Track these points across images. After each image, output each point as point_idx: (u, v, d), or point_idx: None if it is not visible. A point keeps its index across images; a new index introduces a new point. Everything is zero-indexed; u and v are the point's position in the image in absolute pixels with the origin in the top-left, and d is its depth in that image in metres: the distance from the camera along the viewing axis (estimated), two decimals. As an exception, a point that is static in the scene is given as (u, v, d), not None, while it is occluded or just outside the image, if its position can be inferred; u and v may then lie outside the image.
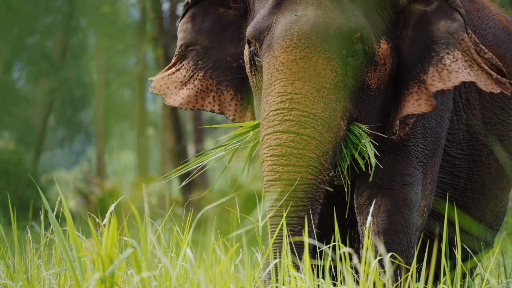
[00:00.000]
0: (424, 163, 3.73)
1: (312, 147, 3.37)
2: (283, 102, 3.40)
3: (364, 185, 3.70)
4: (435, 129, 3.77)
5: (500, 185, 4.16)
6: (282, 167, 3.38)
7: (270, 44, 3.49)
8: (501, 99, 4.07)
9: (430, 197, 3.78)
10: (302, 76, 3.41)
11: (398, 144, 3.69)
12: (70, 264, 3.07)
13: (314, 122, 3.38)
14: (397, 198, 3.66)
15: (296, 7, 3.50)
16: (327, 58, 3.43)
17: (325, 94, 3.41)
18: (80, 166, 42.02)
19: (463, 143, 3.97)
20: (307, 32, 3.43)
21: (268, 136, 3.41)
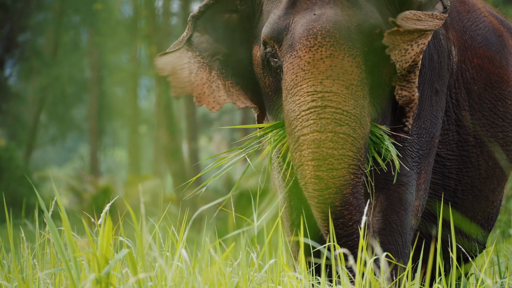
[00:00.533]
0: (418, 163, 3.74)
1: (349, 145, 3.36)
2: (315, 100, 3.39)
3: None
4: (429, 129, 3.78)
5: (491, 186, 4.17)
6: (325, 172, 3.36)
7: (292, 44, 3.47)
8: (490, 101, 4.08)
9: (424, 197, 3.79)
10: (330, 75, 3.40)
11: (394, 144, 3.70)
12: (66, 264, 3.07)
13: (348, 119, 3.37)
14: (392, 198, 3.67)
15: (312, 6, 3.50)
16: (352, 55, 3.43)
17: (353, 91, 3.40)
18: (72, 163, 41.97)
19: (453, 144, 3.99)
20: (330, 30, 3.43)
21: (304, 137, 3.38)
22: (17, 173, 16.87)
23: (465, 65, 3.99)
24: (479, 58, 4.04)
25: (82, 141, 37.37)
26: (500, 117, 4.09)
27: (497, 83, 4.09)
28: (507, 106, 4.11)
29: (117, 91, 29.24)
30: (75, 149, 42.60)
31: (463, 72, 3.98)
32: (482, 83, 4.03)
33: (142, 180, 14.26)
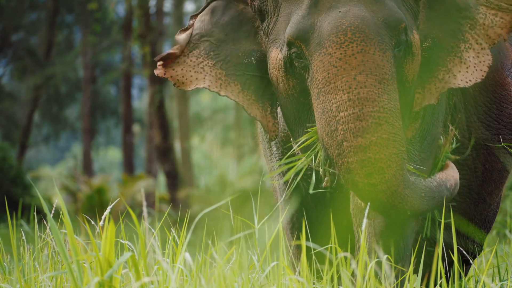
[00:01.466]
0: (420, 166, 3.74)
1: (392, 143, 3.34)
2: (351, 100, 3.36)
3: None
4: (431, 132, 3.78)
5: (488, 189, 4.17)
6: (377, 176, 3.35)
7: (320, 42, 3.45)
8: (485, 104, 4.08)
9: None
10: (363, 70, 3.37)
11: None
12: (69, 267, 3.06)
13: (385, 115, 3.34)
14: None
15: (335, 4, 3.49)
16: (382, 50, 3.40)
17: (386, 85, 3.38)
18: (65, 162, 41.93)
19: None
20: (359, 26, 3.41)
21: (348, 144, 3.35)
22: (11, 172, 16.84)
23: None
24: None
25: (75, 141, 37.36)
26: (495, 120, 4.10)
27: (492, 86, 4.10)
28: (502, 109, 4.11)
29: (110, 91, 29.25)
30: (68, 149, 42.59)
31: None
32: (477, 86, 4.03)
33: (136, 180, 14.24)
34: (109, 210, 3.62)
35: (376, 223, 3.65)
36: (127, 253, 3.02)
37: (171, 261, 3.55)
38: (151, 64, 18.88)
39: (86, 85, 25.28)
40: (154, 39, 19.19)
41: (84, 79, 25.42)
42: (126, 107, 24.19)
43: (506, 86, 4.13)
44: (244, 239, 3.57)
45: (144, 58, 19.23)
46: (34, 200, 17.91)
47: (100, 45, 24.56)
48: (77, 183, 14.86)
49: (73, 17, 26.28)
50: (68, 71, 25.82)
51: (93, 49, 24.73)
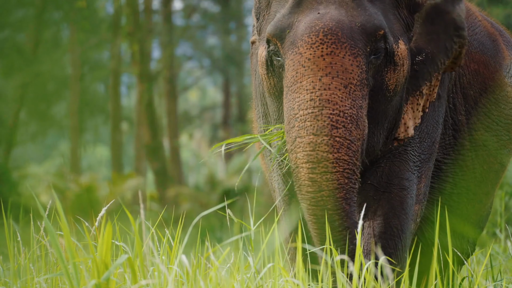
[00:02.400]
0: (419, 167, 3.75)
1: (345, 149, 3.35)
2: (313, 100, 3.39)
3: (361, 187, 3.71)
4: (431, 134, 3.79)
5: (485, 190, 4.20)
6: (320, 175, 3.36)
7: (294, 41, 3.48)
8: (484, 105, 4.10)
9: (423, 201, 3.81)
10: (329, 72, 3.40)
11: (398, 148, 3.71)
12: (65, 270, 3.05)
13: (344, 120, 3.36)
14: (394, 202, 3.67)
15: (317, 6, 3.51)
16: (353, 54, 3.42)
17: (352, 90, 3.39)
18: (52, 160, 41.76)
19: (449, 148, 4.01)
20: (332, 28, 3.43)
21: (300, 140, 3.38)
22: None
23: (462, 70, 4.01)
24: (476, 63, 4.06)
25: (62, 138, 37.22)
26: (494, 121, 4.12)
27: (492, 87, 4.11)
28: (500, 110, 4.13)
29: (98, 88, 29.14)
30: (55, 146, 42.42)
31: (460, 77, 4.00)
32: (478, 87, 4.05)
33: (126, 179, 14.21)
34: (104, 211, 3.62)
35: (375, 224, 3.67)
36: (124, 255, 3.02)
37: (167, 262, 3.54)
38: (140, 62, 18.84)
39: (74, 82, 25.18)
40: (143, 37, 19.14)
41: (72, 76, 25.30)
42: (114, 105, 24.12)
43: (504, 87, 4.15)
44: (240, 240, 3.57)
45: (133, 56, 19.19)
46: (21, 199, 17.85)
47: (88, 43, 24.47)
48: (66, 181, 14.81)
49: (61, 14, 26.17)
50: (56, 68, 25.70)
51: (81, 46, 24.63)
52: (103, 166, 44.46)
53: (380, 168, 3.71)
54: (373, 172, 3.72)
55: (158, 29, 23.74)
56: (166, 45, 22.39)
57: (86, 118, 27.97)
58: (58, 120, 28.72)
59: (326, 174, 3.35)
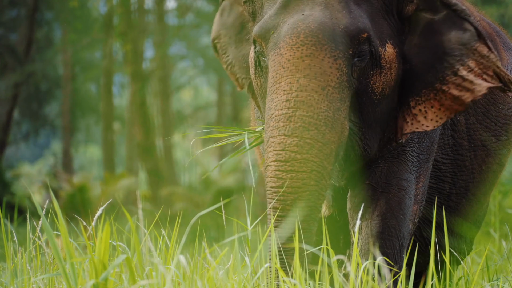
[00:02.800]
0: (418, 167, 3.75)
1: (316, 151, 3.36)
2: (288, 101, 3.40)
3: (360, 187, 3.72)
4: (430, 134, 3.79)
5: (483, 190, 4.21)
6: (286, 173, 3.37)
7: (276, 42, 3.48)
8: (483, 105, 4.10)
9: (422, 202, 3.81)
10: (308, 74, 3.41)
11: (396, 148, 3.71)
12: (63, 269, 3.05)
13: (317, 122, 3.37)
14: (392, 202, 3.67)
15: (303, 7, 3.51)
16: (333, 57, 3.42)
17: (330, 92, 3.40)
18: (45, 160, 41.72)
19: (448, 148, 4.01)
20: (314, 30, 3.43)
21: (273, 139, 3.40)
22: (-10, 170, 16.75)
23: None
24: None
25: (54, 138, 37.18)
26: (493, 121, 4.12)
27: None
28: (499, 110, 4.14)
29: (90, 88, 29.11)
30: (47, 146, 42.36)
31: None
32: None
33: (119, 178, 14.20)
34: (101, 211, 3.62)
35: (373, 224, 3.67)
36: (122, 255, 3.02)
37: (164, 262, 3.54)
38: (133, 62, 18.82)
39: (66, 82, 25.15)
40: (136, 37, 19.13)
41: (64, 76, 25.27)
42: (106, 104, 24.09)
43: None
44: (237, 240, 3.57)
45: (126, 55, 19.17)
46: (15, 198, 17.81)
47: (81, 43, 24.44)
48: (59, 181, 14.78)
49: (53, 14, 26.13)
50: (48, 68, 25.66)
51: (74, 46, 24.59)
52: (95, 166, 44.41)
53: (379, 168, 3.72)
54: (372, 172, 3.72)
55: (151, 29, 23.71)
56: (159, 44, 22.37)
57: (78, 118, 27.95)
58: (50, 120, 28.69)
59: (291, 172, 3.36)
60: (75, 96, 26.80)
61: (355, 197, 3.73)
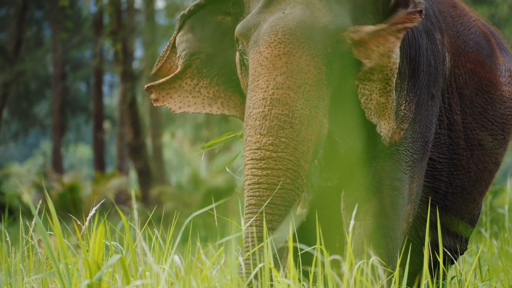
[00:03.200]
0: (412, 167, 3.75)
1: (291, 149, 3.37)
2: (265, 99, 3.40)
3: (353, 187, 3.72)
4: (424, 134, 3.79)
5: (479, 189, 4.20)
6: (261, 170, 3.38)
7: (256, 40, 3.49)
8: (480, 105, 4.11)
9: (416, 201, 3.81)
10: (284, 71, 3.41)
11: (390, 148, 3.71)
12: (57, 270, 3.04)
13: (293, 120, 3.37)
14: (385, 202, 3.67)
15: (285, 6, 3.52)
16: (311, 55, 3.42)
17: (306, 90, 3.40)
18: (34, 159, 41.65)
19: (444, 147, 4.00)
20: (292, 28, 3.44)
21: (250, 138, 3.41)
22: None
23: (458, 70, 4.01)
24: (472, 63, 4.07)
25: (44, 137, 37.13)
26: (490, 120, 4.13)
27: (487, 87, 4.12)
28: (495, 109, 4.14)
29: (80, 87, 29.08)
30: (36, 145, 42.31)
31: (456, 77, 4.00)
32: (473, 87, 4.06)
33: (109, 178, 14.18)
34: (94, 211, 3.61)
35: (366, 224, 3.67)
36: (116, 255, 3.01)
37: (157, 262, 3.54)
38: (123, 61, 18.80)
39: (56, 81, 25.11)
40: (126, 36, 19.11)
41: (54, 75, 25.24)
42: (97, 104, 24.07)
43: (499, 86, 4.16)
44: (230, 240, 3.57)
45: (116, 55, 19.15)
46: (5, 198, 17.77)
47: (71, 42, 24.41)
48: (49, 180, 14.75)
49: (43, 13, 26.10)
50: (38, 67, 25.63)
51: (63, 45, 24.57)
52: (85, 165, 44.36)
53: (372, 168, 3.72)
54: (365, 172, 3.73)
55: (141, 28, 23.70)
56: (149, 44, 22.35)
57: (68, 117, 27.92)
58: (40, 119, 28.64)
59: (267, 170, 3.37)
60: (65, 96, 26.77)
61: (349, 197, 3.73)
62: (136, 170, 19.26)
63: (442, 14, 4.03)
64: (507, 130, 4.21)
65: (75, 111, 27.95)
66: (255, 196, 3.38)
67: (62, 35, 22.14)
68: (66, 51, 25.07)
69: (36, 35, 26.16)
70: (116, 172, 15.56)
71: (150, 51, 20.62)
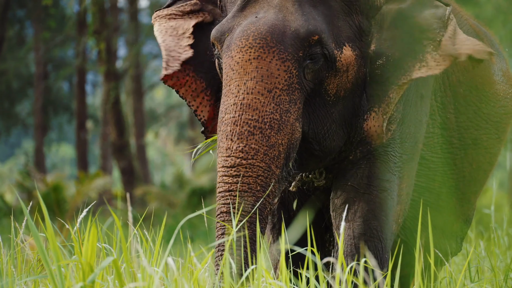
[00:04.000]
0: (401, 168, 3.75)
1: (261, 155, 3.38)
2: (235, 104, 3.42)
3: (342, 188, 3.72)
4: (413, 134, 3.79)
5: (473, 189, 4.20)
6: (232, 178, 3.39)
7: (229, 44, 3.50)
8: (475, 103, 4.10)
9: (406, 202, 3.81)
10: (254, 76, 3.42)
11: (378, 149, 3.71)
12: (50, 272, 3.03)
13: (262, 126, 3.39)
14: (373, 203, 3.68)
15: (259, 10, 3.53)
16: (281, 59, 3.43)
17: (277, 94, 3.41)
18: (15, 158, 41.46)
19: (437, 147, 4.00)
20: (263, 33, 3.45)
21: (221, 145, 3.43)
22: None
23: (451, 68, 4.00)
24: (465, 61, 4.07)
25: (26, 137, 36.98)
26: (484, 119, 4.12)
27: (481, 85, 4.11)
28: (490, 108, 4.13)
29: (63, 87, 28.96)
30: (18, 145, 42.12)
31: (449, 76, 4.00)
32: (467, 85, 4.05)
33: (94, 178, 14.13)
34: (85, 212, 3.60)
35: (355, 225, 3.68)
36: (109, 257, 3.01)
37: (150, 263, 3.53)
38: (106, 61, 18.75)
39: (38, 81, 25.00)
40: (109, 35, 19.06)
41: (36, 74, 25.12)
42: (80, 103, 23.98)
43: (493, 84, 4.16)
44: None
45: (99, 54, 19.09)
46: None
47: (53, 41, 24.31)
48: (33, 180, 14.67)
49: (25, 12, 25.98)
50: (20, 66, 25.52)
51: (46, 44, 24.46)
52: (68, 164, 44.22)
53: (361, 170, 3.72)
54: (354, 173, 3.73)
55: (124, 27, 23.65)
56: (132, 43, 22.29)
57: (51, 116, 27.80)
58: (22, 119, 28.51)
59: (237, 177, 3.38)
60: (47, 95, 26.66)
61: (337, 199, 3.73)
62: (120, 169, 19.21)
63: None
64: (501, 129, 4.20)
65: (58, 110, 27.84)
66: (226, 204, 3.40)
67: (45, 34, 22.02)
68: (49, 50, 24.97)
69: (18, 34, 26.02)
70: (100, 172, 15.49)
71: (134, 50, 20.58)
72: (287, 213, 3.97)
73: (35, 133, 25.54)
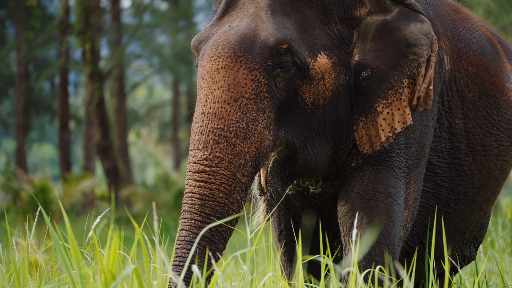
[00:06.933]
0: (407, 173, 3.75)
1: (226, 164, 3.43)
2: (203, 113, 3.47)
3: (348, 195, 3.73)
4: (419, 139, 3.79)
5: (484, 197, 4.18)
6: (195, 182, 3.43)
7: (203, 54, 3.55)
8: (484, 109, 4.07)
9: (414, 207, 3.81)
10: (221, 85, 3.47)
11: (382, 155, 3.72)
12: (71, 280, 3.03)
13: (227, 134, 3.43)
14: (380, 209, 3.69)
15: (235, 18, 3.57)
16: (248, 68, 3.47)
17: (243, 103, 3.45)
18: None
19: (444, 152, 3.99)
20: (231, 42, 3.49)
21: (190, 152, 3.49)
22: None
23: (459, 73, 4.00)
24: (474, 66, 4.05)
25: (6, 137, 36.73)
26: (495, 125, 4.10)
27: (492, 91, 4.10)
28: (501, 114, 4.11)
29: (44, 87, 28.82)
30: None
31: (456, 80, 3.99)
32: (476, 91, 4.04)
33: (81, 179, 14.07)
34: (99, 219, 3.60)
35: (361, 232, 3.68)
36: (131, 265, 3.01)
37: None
38: (90, 61, 18.70)
39: (20, 81, 24.87)
40: (93, 36, 19.01)
41: (18, 74, 25.00)
42: (62, 104, 23.87)
43: (506, 91, 4.14)
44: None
45: (84, 55, 19.03)
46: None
47: (36, 41, 24.19)
48: (19, 181, 14.59)
49: (6, 11, 25.85)
50: (1, 66, 25.38)
51: (28, 44, 24.34)
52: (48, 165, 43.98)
53: (366, 176, 3.73)
54: (359, 180, 3.73)
55: (107, 28, 23.58)
56: (115, 43, 22.23)
57: (32, 116, 27.67)
58: (3, 118, 28.35)
59: (200, 182, 3.42)
60: (29, 95, 26.54)
61: (344, 206, 3.74)
62: (104, 170, 19.16)
63: (441, 16, 4.01)
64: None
65: (39, 110, 27.71)
66: (188, 203, 3.45)
67: (29, 34, 21.92)
68: (31, 50, 24.84)
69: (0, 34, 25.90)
70: (88, 173, 15.44)
71: (118, 51, 20.53)
72: (294, 219, 3.99)
73: (16, 133, 25.42)
